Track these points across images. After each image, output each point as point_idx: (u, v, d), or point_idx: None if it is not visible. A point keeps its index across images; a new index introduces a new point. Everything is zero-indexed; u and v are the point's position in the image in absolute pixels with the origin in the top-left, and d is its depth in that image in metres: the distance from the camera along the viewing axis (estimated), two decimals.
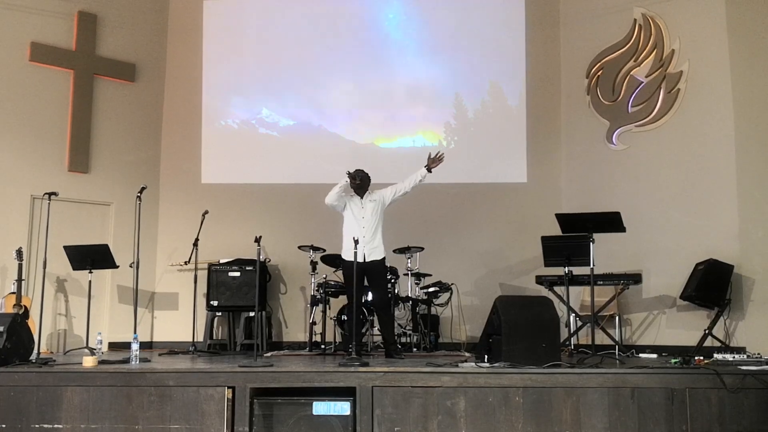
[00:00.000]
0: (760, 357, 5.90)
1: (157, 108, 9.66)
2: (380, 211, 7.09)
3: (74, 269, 8.02)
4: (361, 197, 7.09)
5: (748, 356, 5.92)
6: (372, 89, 9.75)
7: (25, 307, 7.68)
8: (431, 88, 9.71)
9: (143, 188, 7.28)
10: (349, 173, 6.95)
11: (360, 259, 6.83)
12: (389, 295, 7.54)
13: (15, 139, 8.58)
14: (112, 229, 9.06)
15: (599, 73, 9.10)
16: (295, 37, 9.79)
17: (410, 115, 9.70)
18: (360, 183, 7.02)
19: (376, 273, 7.04)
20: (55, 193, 7.04)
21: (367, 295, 7.49)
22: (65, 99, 8.92)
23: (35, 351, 6.14)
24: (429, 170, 7.03)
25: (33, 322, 7.19)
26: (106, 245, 8.00)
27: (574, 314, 7.78)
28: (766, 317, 7.03)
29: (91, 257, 7.86)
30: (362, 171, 7.10)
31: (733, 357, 5.85)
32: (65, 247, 7.84)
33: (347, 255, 6.88)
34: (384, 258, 7.12)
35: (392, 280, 7.79)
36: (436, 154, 7.03)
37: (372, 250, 6.96)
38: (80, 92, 9.00)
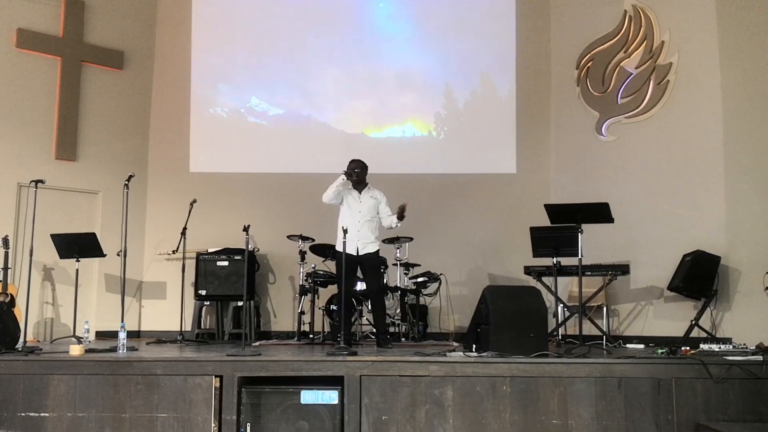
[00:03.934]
0: (746, 347, 5.93)
1: (145, 96, 9.60)
2: (376, 210, 7.12)
3: (61, 258, 7.97)
4: (360, 191, 7.08)
5: (733, 347, 5.95)
6: (362, 79, 9.72)
7: (12, 295, 7.63)
8: (421, 77, 9.70)
9: (131, 176, 7.23)
10: (345, 172, 6.92)
11: (353, 252, 6.88)
12: (382, 286, 7.56)
13: (1, 126, 8.51)
14: (100, 217, 9.02)
15: (589, 65, 9.11)
16: (284, 26, 9.75)
17: (400, 105, 9.69)
18: (357, 179, 7.02)
19: (370, 265, 7.07)
20: (41, 181, 6.97)
21: (356, 285, 7.50)
22: (52, 86, 8.85)
23: (21, 339, 6.10)
24: (400, 218, 6.98)
25: (19, 311, 7.15)
26: (94, 234, 7.96)
27: (562, 304, 7.81)
28: (752, 308, 7.07)
29: (78, 246, 7.81)
30: (359, 164, 7.06)
31: (719, 347, 5.87)
32: (52, 236, 7.79)
33: (341, 246, 6.90)
34: (378, 250, 7.16)
35: (382, 271, 7.79)
36: (402, 207, 6.95)
37: (365, 244, 7.01)
38: (68, 79, 8.93)
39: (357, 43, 9.75)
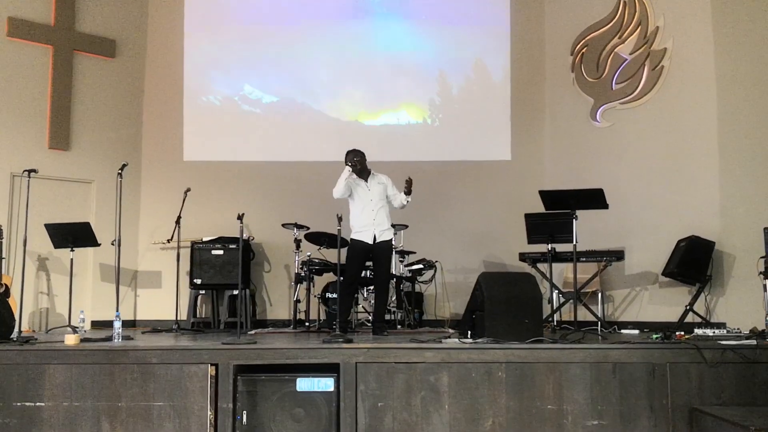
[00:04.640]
0: (740, 332, 5.96)
1: (138, 84, 9.55)
2: (385, 195, 7.08)
3: (56, 247, 7.94)
4: (365, 180, 7.04)
5: (727, 331, 5.97)
6: (355, 66, 9.68)
7: (6, 285, 7.60)
8: (415, 64, 9.66)
9: (124, 165, 7.20)
10: (349, 164, 6.86)
11: (369, 240, 6.88)
12: (390, 275, 7.56)
13: None
14: (94, 206, 8.99)
15: (584, 50, 9.09)
16: (278, 13, 9.69)
17: (394, 92, 9.65)
18: (361, 167, 6.97)
19: (383, 253, 7.04)
20: (34, 171, 6.95)
21: (361, 274, 7.49)
22: (45, 75, 8.79)
23: (17, 329, 6.09)
24: (408, 193, 6.96)
25: (14, 301, 7.14)
26: (88, 223, 7.94)
27: (556, 291, 7.83)
28: (745, 293, 7.09)
29: (72, 235, 7.78)
30: (356, 152, 6.99)
31: (713, 332, 5.89)
32: (46, 225, 7.76)
33: (357, 236, 6.90)
34: (392, 239, 7.16)
35: None
36: (408, 180, 6.92)
37: (382, 232, 6.98)
38: (60, 68, 8.87)
39: (351, 29, 9.70)
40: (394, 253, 8.13)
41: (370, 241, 6.91)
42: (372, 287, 7.65)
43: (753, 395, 5.18)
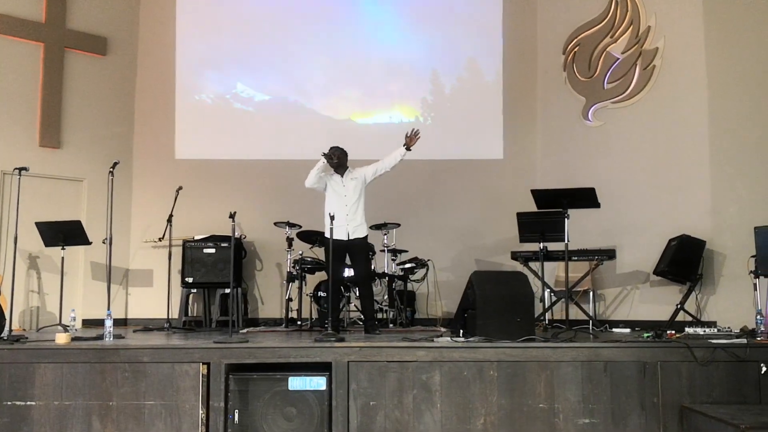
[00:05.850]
0: (730, 331, 5.98)
1: (129, 82, 9.51)
2: (361, 189, 7.05)
3: (46, 245, 7.90)
4: (342, 175, 7.04)
5: (718, 330, 6.00)
6: (348, 64, 9.67)
7: None
8: (408, 63, 9.66)
9: (116, 164, 7.18)
10: (324, 154, 6.86)
11: (343, 237, 6.85)
12: (370, 273, 7.55)
13: None
14: (85, 205, 8.95)
15: (576, 50, 9.11)
16: (270, 11, 9.67)
17: (387, 91, 9.66)
18: (338, 161, 6.95)
19: (358, 251, 7.03)
20: (25, 169, 6.90)
21: (343, 272, 7.48)
22: (35, 73, 8.74)
23: (7, 328, 6.06)
24: (408, 148, 6.96)
25: (5, 299, 7.09)
26: (79, 221, 7.90)
27: (548, 289, 7.85)
28: (736, 292, 7.13)
29: (63, 233, 7.74)
30: (338, 148, 7.02)
31: (704, 331, 5.92)
32: (37, 224, 7.72)
33: (329, 233, 6.88)
34: (366, 236, 7.12)
35: (370, 257, 7.79)
36: (413, 132, 6.96)
37: (355, 228, 6.96)
38: (51, 66, 8.82)
39: (344, 28, 9.69)
40: (386, 251, 8.16)
41: (344, 238, 6.90)
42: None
43: (743, 393, 5.22)
